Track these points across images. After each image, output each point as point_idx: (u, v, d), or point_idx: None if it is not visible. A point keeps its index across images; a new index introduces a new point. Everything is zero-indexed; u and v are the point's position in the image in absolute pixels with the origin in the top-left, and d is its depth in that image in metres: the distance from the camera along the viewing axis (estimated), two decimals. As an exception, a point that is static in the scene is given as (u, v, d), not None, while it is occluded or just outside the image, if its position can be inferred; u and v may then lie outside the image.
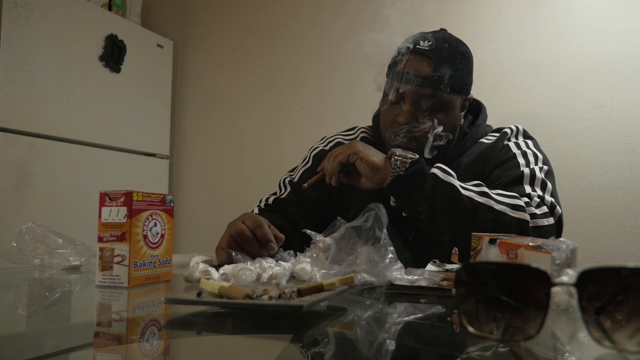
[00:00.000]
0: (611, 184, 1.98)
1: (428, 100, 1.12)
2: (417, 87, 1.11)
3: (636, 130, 1.97)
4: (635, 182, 1.96)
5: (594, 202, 2.00)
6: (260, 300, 0.52)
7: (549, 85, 2.10)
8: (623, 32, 2.00)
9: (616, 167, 1.98)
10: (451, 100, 1.16)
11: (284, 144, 2.57)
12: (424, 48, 1.13)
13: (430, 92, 1.12)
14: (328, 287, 0.60)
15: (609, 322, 0.38)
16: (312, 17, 2.57)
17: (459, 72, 1.15)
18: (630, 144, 1.97)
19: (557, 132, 2.06)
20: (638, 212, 1.94)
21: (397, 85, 1.14)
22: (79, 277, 0.96)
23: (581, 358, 0.46)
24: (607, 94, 2.01)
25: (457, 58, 1.15)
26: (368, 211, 0.64)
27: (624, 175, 1.97)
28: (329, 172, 1.12)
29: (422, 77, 1.11)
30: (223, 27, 2.77)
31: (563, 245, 0.60)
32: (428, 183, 1.05)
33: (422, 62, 1.12)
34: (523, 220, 1.03)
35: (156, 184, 2.62)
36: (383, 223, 0.62)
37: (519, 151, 1.22)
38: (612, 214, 1.97)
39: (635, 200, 1.95)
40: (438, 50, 1.13)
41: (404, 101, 1.14)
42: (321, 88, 2.53)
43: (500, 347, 0.43)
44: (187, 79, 2.83)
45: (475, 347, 0.46)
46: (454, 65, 1.14)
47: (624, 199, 1.96)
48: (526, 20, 2.16)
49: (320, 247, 0.69)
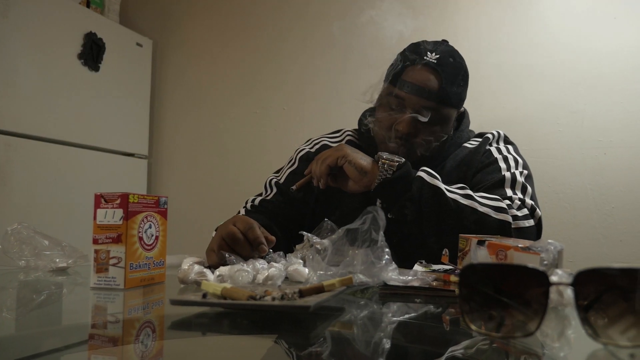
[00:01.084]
0: (583, 186, 2.06)
1: (429, 112, 1.15)
2: (421, 99, 1.14)
3: (607, 135, 2.05)
4: (605, 185, 2.04)
5: (567, 204, 2.07)
6: (266, 302, 0.54)
7: (524, 92, 2.17)
8: (594, 41, 2.08)
9: (588, 171, 2.06)
10: (449, 113, 1.19)
11: (265, 145, 2.57)
12: (432, 61, 1.16)
13: (433, 105, 1.14)
14: (328, 288, 0.62)
15: (603, 319, 0.41)
16: (294, 18, 2.59)
17: (459, 88, 1.19)
18: (601, 148, 2.05)
19: (531, 136, 2.12)
20: (608, 213, 2.02)
21: (401, 93, 1.16)
22: (67, 278, 0.95)
23: (569, 354, 0.48)
24: (579, 100, 2.08)
25: (460, 74, 1.19)
26: (366, 214, 0.66)
27: (595, 178, 2.05)
28: (317, 175, 1.14)
29: (428, 90, 1.14)
30: (203, 26, 2.76)
31: (551, 246, 0.63)
32: (415, 186, 1.07)
33: (429, 75, 1.15)
34: (505, 221, 1.07)
35: (134, 184, 2.59)
36: (380, 225, 0.64)
37: (501, 156, 1.27)
38: (584, 215, 2.05)
39: (606, 202, 2.03)
40: (445, 65, 1.16)
41: (406, 110, 1.16)
42: (302, 89, 2.54)
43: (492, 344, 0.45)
44: (166, 79, 2.81)
45: (463, 344, 0.48)
46: (456, 81, 1.17)
47: (595, 201, 2.04)
48: (503, 30, 2.22)
49: (318, 249, 0.71)
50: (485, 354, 0.45)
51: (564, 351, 0.50)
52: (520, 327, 0.43)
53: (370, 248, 0.67)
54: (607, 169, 2.04)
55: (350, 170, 1.10)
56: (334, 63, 2.47)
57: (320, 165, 1.12)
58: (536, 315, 0.42)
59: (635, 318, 0.40)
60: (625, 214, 2.00)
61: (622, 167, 2.01)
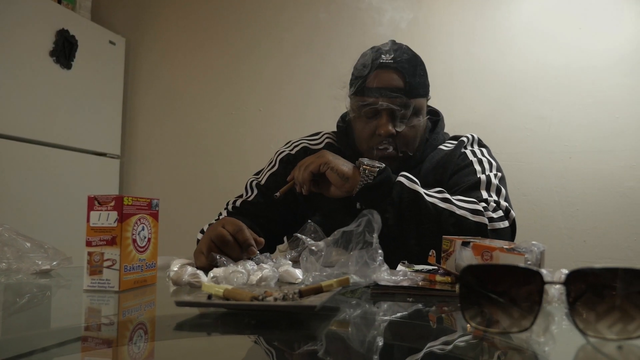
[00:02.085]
0: (550, 189, 2.15)
1: (403, 109, 1.19)
2: (392, 99, 1.18)
3: (572, 139, 2.14)
4: (570, 187, 2.13)
5: (535, 206, 2.16)
6: (272, 302, 0.56)
7: (494, 97, 2.25)
8: (560, 51, 2.18)
9: (554, 174, 2.16)
10: (420, 104, 1.24)
11: (241, 146, 2.57)
12: (389, 61, 1.20)
13: (404, 101, 1.18)
14: (327, 289, 0.64)
15: (591, 315, 0.45)
16: (269, 19, 2.60)
17: (421, 78, 1.23)
18: (567, 152, 2.15)
19: (501, 140, 2.20)
20: (572, 214, 2.12)
21: (370, 100, 1.20)
22: (50, 281, 0.94)
23: (553, 348, 0.52)
24: (547, 105, 2.18)
25: (417, 65, 1.23)
26: (361, 217, 0.68)
27: (560, 181, 2.15)
28: (299, 182, 1.16)
29: (395, 89, 1.18)
30: (178, 26, 2.73)
31: (534, 247, 0.68)
32: (395, 190, 1.11)
33: (391, 75, 1.19)
34: (482, 223, 1.12)
35: (106, 184, 2.55)
36: (375, 228, 0.67)
37: (475, 159, 1.32)
38: (550, 216, 2.14)
39: (570, 204, 2.13)
40: (401, 61, 1.21)
41: (381, 114, 1.20)
42: (278, 90, 2.56)
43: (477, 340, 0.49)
44: (139, 78, 2.77)
45: (442, 340, 0.52)
46: (417, 72, 1.21)
47: (561, 202, 2.13)
48: (475, 38, 2.29)
49: (313, 250, 0.73)
50: (467, 349, 0.49)
51: (549, 345, 0.53)
52: (517, 323, 0.46)
53: (365, 250, 0.69)
54: (571, 173, 2.14)
55: (332, 176, 1.13)
56: (309, 65, 2.50)
57: (303, 172, 1.15)
58: (531, 311, 0.46)
59: (620, 314, 0.44)
60: (588, 216, 2.10)
61: (585, 171, 2.12)
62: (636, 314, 0.43)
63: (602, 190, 2.10)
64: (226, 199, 1.36)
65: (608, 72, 2.11)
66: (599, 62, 2.12)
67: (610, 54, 2.11)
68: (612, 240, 2.06)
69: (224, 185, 2.51)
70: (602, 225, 2.08)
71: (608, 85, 2.11)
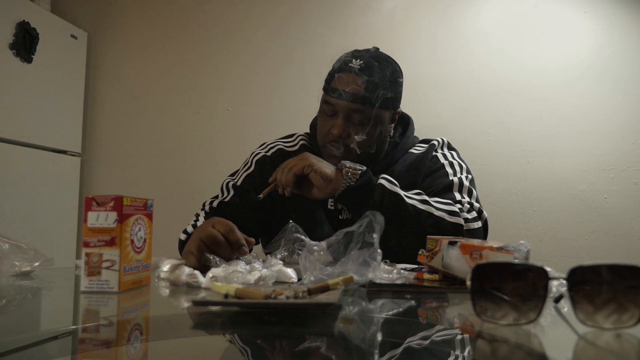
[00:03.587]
0: (509, 191, 2.27)
1: (359, 114, 1.23)
2: (348, 102, 1.22)
3: (530, 144, 2.27)
4: (528, 190, 2.26)
5: (495, 207, 2.26)
6: (291, 300, 0.58)
7: (458, 102, 2.34)
8: (519, 60, 2.30)
9: (513, 177, 2.27)
10: (380, 114, 1.26)
11: (209, 146, 2.55)
12: (356, 67, 1.23)
13: (360, 107, 1.22)
14: (333, 287, 0.67)
15: (591, 307, 0.50)
16: (238, 17, 2.58)
17: (385, 90, 1.25)
18: (525, 156, 2.27)
19: (464, 144, 2.27)
20: (530, 215, 2.24)
21: (331, 100, 1.24)
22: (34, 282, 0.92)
23: (543, 340, 0.57)
24: (507, 111, 2.29)
25: (386, 76, 1.25)
26: (363, 217, 0.71)
27: (519, 184, 2.26)
28: (282, 183, 1.18)
29: (353, 94, 1.22)
30: (143, 21, 2.68)
31: (522, 246, 0.73)
32: (377, 192, 1.15)
33: (354, 80, 1.22)
34: (458, 224, 1.18)
35: (66, 183, 2.46)
36: (375, 228, 0.70)
37: (447, 162, 1.38)
38: (509, 217, 2.25)
39: (528, 205, 2.25)
40: (368, 69, 1.23)
41: (337, 115, 1.24)
42: (246, 90, 2.55)
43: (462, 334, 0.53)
44: (102, 73, 2.69)
45: (419, 335, 0.56)
46: (382, 84, 1.24)
47: (520, 204, 2.25)
48: (440, 44, 2.38)
49: (315, 250, 0.75)
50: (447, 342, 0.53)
51: (553, 334, 0.58)
52: (524, 315, 0.51)
53: (365, 249, 0.72)
54: (529, 176, 2.26)
55: (316, 178, 1.16)
56: (277, 64, 2.51)
57: (286, 174, 1.17)
58: (537, 305, 0.50)
59: (616, 306, 0.49)
60: (544, 217, 2.23)
61: (542, 175, 2.24)
62: (630, 305, 0.49)
63: (556, 193, 2.23)
64: (193, 200, 1.37)
65: (562, 81, 2.24)
66: (554, 72, 2.26)
67: (565, 65, 2.25)
68: (566, 240, 2.19)
69: (191, 186, 2.49)
70: (557, 225, 2.21)
71: (562, 94, 2.24)
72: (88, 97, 2.65)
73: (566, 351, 0.49)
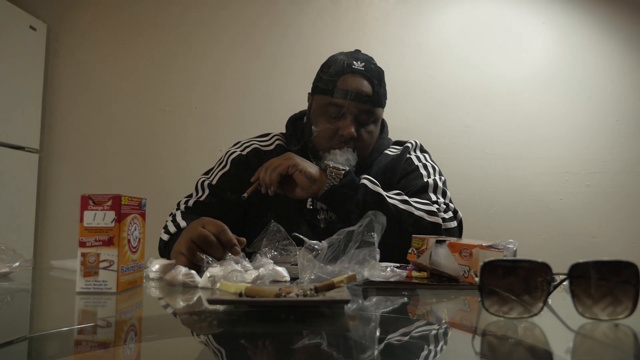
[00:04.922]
0: (472, 192, 2.36)
1: (367, 115, 1.26)
2: (360, 103, 1.24)
3: (492, 148, 2.37)
4: (489, 191, 2.35)
5: (459, 207, 2.34)
6: (308, 298, 0.59)
7: (424, 106, 2.42)
8: (484, 66, 2.39)
9: (476, 179, 2.37)
10: (380, 114, 1.32)
11: (176, 144, 2.51)
12: (360, 68, 1.27)
13: (370, 108, 1.26)
14: (338, 284, 0.69)
15: (590, 300, 0.54)
16: (206, 14, 2.55)
17: (384, 90, 1.32)
18: (487, 159, 2.37)
19: (430, 146, 2.34)
20: (491, 215, 2.34)
21: (340, 101, 1.25)
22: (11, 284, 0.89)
23: (559, 329, 0.61)
24: (471, 116, 2.38)
25: (382, 77, 1.32)
26: (364, 218, 0.74)
27: (481, 186, 2.36)
28: (266, 183, 1.19)
29: (364, 95, 1.25)
30: (108, 13, 2.59)
31: (510, 245, 0.77)
32: (360, 192, 1.18)
33: (362, 81, 1.26)
34: (437, 224, 1.22)
35: (23, 180, 2.36)
36: (375, 227, 0.73)
37: (421, 164, 1.42)
38: (472, 217, 2.34)
39: (489, 206, 2.35)
40: (371, 70, 1.28)
41: (346, 116, 1.25)
42: (214, 88, 2.53)
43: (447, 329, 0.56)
44: (62, 67, 2.59)
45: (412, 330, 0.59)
46: (382, 84, 1.30)
47: (482, 205, 2.35)
48: (409, 50, 2.44)
49: (313, 249, 0.77)
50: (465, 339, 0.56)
51: (554, 326, 0.61)
52: (529, 308, 0.54)
53: (364, 248, 0.75)
54: (490, 178, 2.36)
55: (300, 178, 1.17)
56: (245, 63, 2.50)
57: (270, 174, 1.18)
58: (540, 298, 0.54)
59: (612, 299, 0.53)
60: (504, 216, 2.33)
61: (503, 176, 2.35)
62: (624, 299, 0.53)
63: (516, 194, 2.34)
64: (159, 198, 1.35)
65: (523, 87, 2.36)
66: (515, 79, 2.37)
67: (525, 72, 2.36)
68: (524, 239, 2.30)
69: (157, 184, 2.44)
70: (516, 225, 2.32)
71: (523, 99, 2.35)
72: (47, 91, 2.54)
73: (567, 341, 0.53)
